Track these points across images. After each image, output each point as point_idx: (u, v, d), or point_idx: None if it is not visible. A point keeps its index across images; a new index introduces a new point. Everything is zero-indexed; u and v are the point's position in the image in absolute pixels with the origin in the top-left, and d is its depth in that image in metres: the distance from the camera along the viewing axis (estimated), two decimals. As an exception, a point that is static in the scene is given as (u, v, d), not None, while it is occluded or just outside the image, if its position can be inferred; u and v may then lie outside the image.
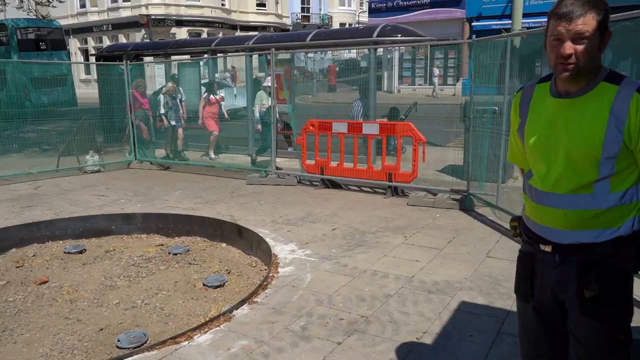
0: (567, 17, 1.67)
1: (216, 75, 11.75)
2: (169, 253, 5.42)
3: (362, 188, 7.72)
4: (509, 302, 3.78)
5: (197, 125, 10.40)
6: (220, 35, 29.29)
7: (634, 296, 1.88)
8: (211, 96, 10.18)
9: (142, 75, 10.79)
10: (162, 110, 10.15)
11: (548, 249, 1.87)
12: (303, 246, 5.22)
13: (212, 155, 10.27)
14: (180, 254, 5.39)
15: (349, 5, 49.93)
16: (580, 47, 1.68)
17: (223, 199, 7.30)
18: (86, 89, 25.72)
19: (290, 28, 40.26)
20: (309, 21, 43.27)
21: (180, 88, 10.45)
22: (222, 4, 36.25)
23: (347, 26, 44.34)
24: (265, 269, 4.82)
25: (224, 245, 5.74)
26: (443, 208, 6.50)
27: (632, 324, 1.87)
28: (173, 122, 10.21)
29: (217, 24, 35.03)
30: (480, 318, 3.61)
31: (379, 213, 6.40)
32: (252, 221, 6.08)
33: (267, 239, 5.32)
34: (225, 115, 10.40)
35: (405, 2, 24.56)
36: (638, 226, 1.80)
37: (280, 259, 4.88)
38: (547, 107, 1.85)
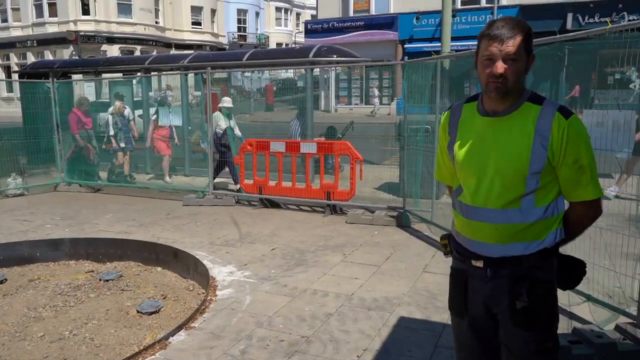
0: (498, 39, 1.78)
1: (150, 93, 11.43)
2: (100, 279, 5.17)
3: (301, 207, 7.73)
4: (445, 315, 3.88)
5: (145, 147, 9.96)
6: (154, 53, 28.70)
7: (558, 304, 1.98)
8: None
9: (70, 94, 10.31)
10: (112, 132, 9.58)
11: (480, 264, 1.93)
12: (242, 267, 5.14)
13: (168, 179, 9.83)
14: (112, 280, 5.15)
15: (286, 25, 50.50)
16: (510, 67, 1.79)
17: (158, 221, 7.07)
18: (8, 107, 24.31)
19: (227, 47, 40.09)
20: (245, 40, 43.26)
21: (127, 106, 10.02)
22: (156, 22, 35.57)
23: (284, 46, 44.75)
24: (203, 293, 4.69)
25: (159, 269, 5.55)
26: (381, 225, 6.61)
27: (558, 331, 1.97)
28: (123, 144, 9.68)
29: (151, 42, 34.28)
30: (418, 333, 3.68)
31: (318, 231, 6.42)
32: (188, 243, 5.92)
33: (204, 262, 5.19)
34: (176, 139, 9.93)
35: (340, 24, 25.15)
36: (559, 238, 1.91)
37: (219, 281, 4.77)
38: (475, 125, 1.94)
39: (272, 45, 46.12)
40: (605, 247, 3.75)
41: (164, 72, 11.64)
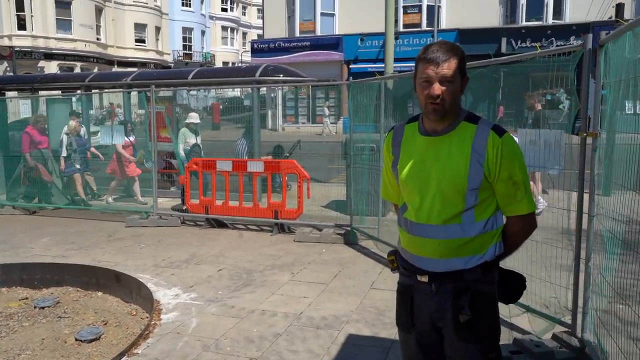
0: (434, 62, 1.86)
1: (91, 112, 11.03)
2: (35, 307, 4.88)
3: (249, 226, 7.64)
4: (392, 331, 3.92)
5: (122, 174, 9.31)
6: (96, 70, 27.86)
7: (499, 316, 2.05)
8: (125, 138, 9.12)
9: (4, 112, 9.77)
10: (64, 153, 8.96)
11: (425, 279, 1.98)
12: (188, 289, 5.00)
13: (110, 200, 9.38)
14: (49, 307, 4.88)
15: (232, 44, 50.43)
16: (446, 89, 1.86)
17: (99, 244, 6.79)
18: None
19: (172, 65, 39.50)
20: (191, 59, 42.79)
21: (83, 126, 9.41)
22: (98, 39, 34.60)
23: (230, 65, 44.61)
24: (147, 317, 4.52)
25: (99, 294, 5.31)
26: (328, 243, 6.63)
27: (500, 342, 2.03)
28: (78, 166, 9.04)
29: (92, 59, 33.25)
30: (366, 350, 3.70)
31: (266, 251, 6.36)
32: (131, 266, 5.71)
33: (148, 285, 5.01)
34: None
35: (286, 44, 25.35)
36: (499, 251, 1.99)
37: (163, 304, 4.62)
38: (417, 144, 2.01)
39: (219, 63, 45.89)
40: (542, 259, 3.92)
41: (105, 90, 11.30)
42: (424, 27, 23.25)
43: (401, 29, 23.07)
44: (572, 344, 3.46)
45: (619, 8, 13.47)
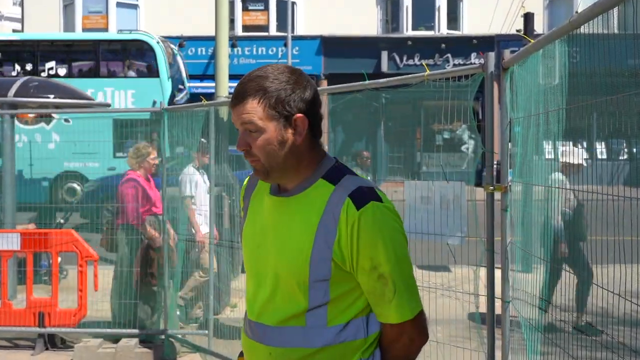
0: (233, 102, 1.93)
1: None
2: None
3: (-6, 341, 7.12)
4: None
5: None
6: None
7: None
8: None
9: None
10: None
11: None
12: None
13: None
14: None
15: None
16: (253, 141, 1.92)
17: None
18: None
19: None
20: None
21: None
22: None
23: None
24: None
25: None
26: (130, 362, 6.41)
27: None
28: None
29: None
30: None
31: (24, 382, 5.96)
32: None
33: None
34: None
35: (61, 48, 24.70)
36: None
37: None
38: (263, 206, 2.06)
39: (-55, 74, 43.00)
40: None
41: None
42: (273, 31, 24.20)
43: (240, 33, 23.75)
44: None
45: (528, 19, 14.64)
